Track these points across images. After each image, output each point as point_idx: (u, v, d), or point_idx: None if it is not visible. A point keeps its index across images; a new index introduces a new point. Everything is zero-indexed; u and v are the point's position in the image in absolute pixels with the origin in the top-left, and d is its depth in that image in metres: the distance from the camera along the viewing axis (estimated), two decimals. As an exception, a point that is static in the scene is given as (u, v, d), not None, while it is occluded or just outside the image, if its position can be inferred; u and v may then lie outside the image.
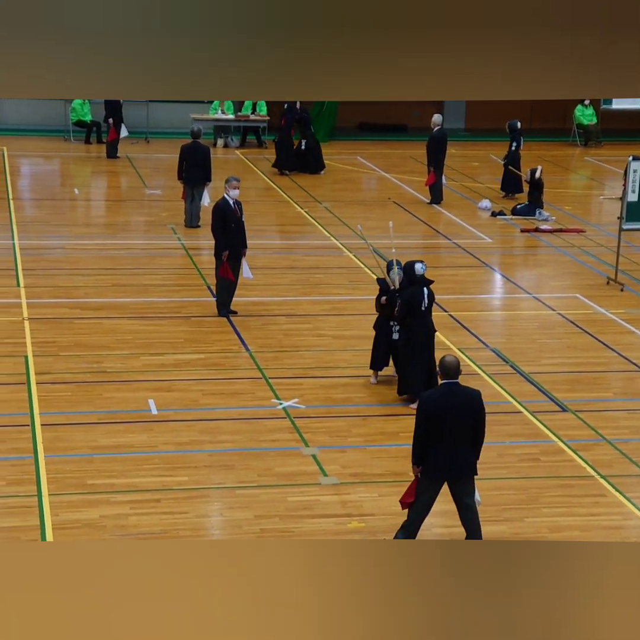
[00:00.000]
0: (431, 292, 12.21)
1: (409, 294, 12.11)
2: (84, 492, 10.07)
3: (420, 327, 12.11)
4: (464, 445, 9.05)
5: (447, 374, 9.15)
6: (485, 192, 22.88)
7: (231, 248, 14.63)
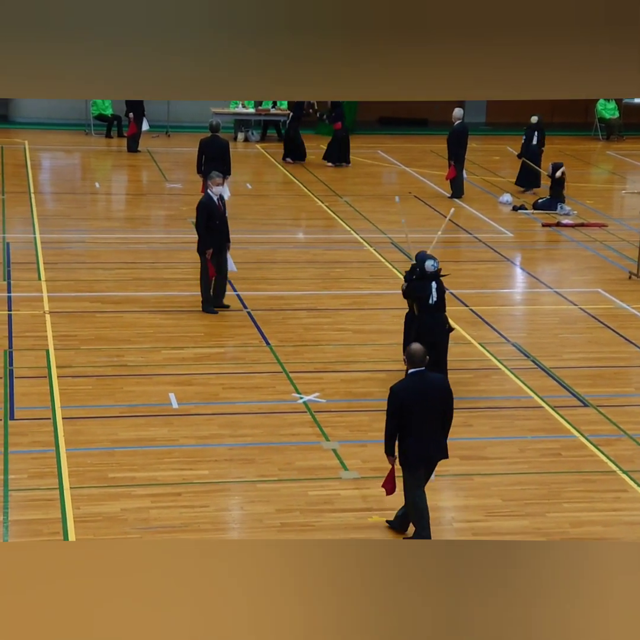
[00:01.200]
0: (440, 287, 12.09)
1: (416, 287, 12.11)
2: (105, 485, 10.09)
3: (428, 322, 11.97)
4: (437, 431, 9.26)
5: (413, 362, 9.29)
6: (506, 186, 22.79)
7: (215, 245, 14.57)
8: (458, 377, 12.91)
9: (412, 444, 9.16)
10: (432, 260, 12.21)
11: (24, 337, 13.39)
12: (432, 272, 12.09)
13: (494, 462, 10.84)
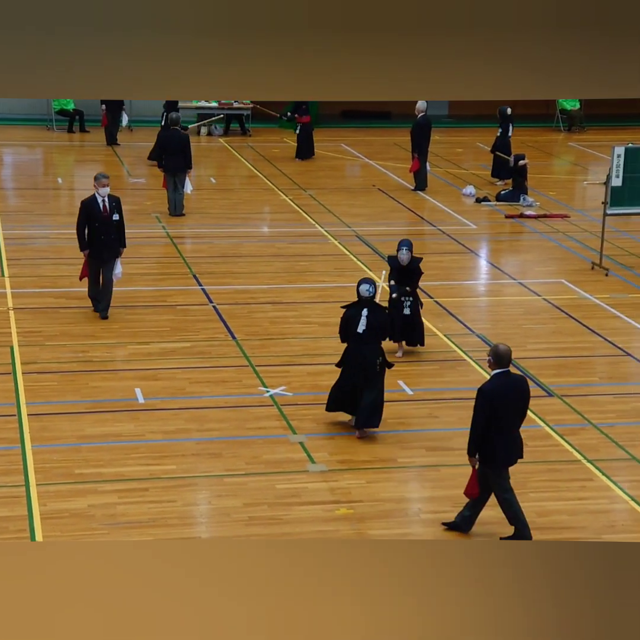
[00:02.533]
0: (376, 317, 11.08)
1: (348, 314, 11.20)
2: (71, 481, 10.06)
3: (351, 352, 11.08)
4: (518, 430, 9.34)
5: (500, 362, 9.30)
6: (470, 178, 22.89)
7: (94, 247, 13.99)
8: (424, 368, 12.98)
9: (501, 444, 9.19)
10: (367, 284, 11.20)
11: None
12: (366, 297, 11.13)
13: (460, 453, 10.86)
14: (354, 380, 11.04)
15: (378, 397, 11.07)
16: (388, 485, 10.26)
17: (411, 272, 13.32)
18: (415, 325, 13.26)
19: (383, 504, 9.91)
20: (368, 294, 11.17)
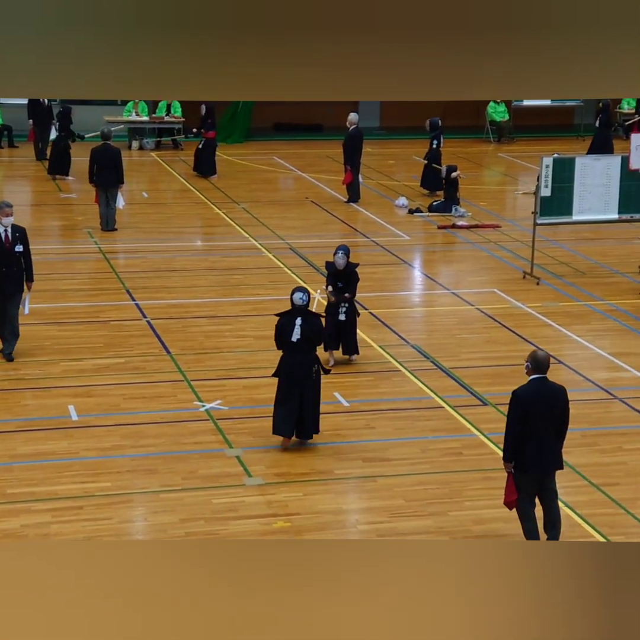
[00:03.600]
0: (310, 325, 11.09)
1: (281, 322, 11.23)
2: (3, 501, 9.90)
3: (287, 361, 11.09)
4: (553, 439, 9.22)
5: (539, 368, 9.22)
6: (402, 189, 23.04)
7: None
8: (359, 379, 13.01)
9: (529, 451, 9.08)
10: (301, 292, 11.26)
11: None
12: (299, 306, 11.16)
13: (397, 463, 10.94)
14: (291, 389, 11.03)
15: (316, 408, 11.11)
16: (325, 497, 10.26)
17: (348, 277, 13.37)
18: (349, 333, 13.28)
19: (321, 516, 9.91)
20: (301, 302, 11.20)
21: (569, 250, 18.98)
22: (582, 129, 29.71)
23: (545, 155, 17.65)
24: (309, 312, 11.34)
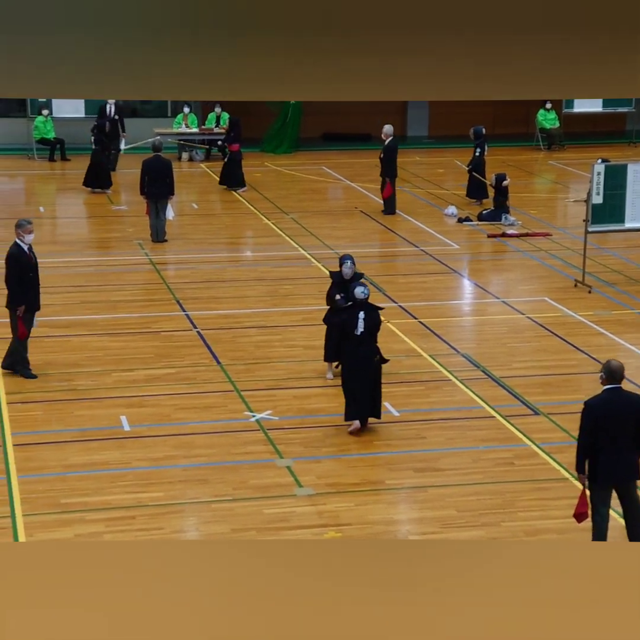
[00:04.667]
0: (371, 318, 11.63)
1: (343, 317, 11.79)
2: (57, 511, 9.99)
3: (352, 353, 11.63)
4: (629, 450, 9.09)
5: (613, 378, 9.13)
6: (451, 198, 22.96)
7: (28, 301, 12.93)
8: (409, 389, 12.97)
9: (603, 462, 8.97)
10: (362, 287, 11.81)
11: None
12: (362, 299, 11.67)
13: (448, 473, 10.89)
14: (356, 380, 11.50)
15: (377, 391, 11.62)
16: (376, 508, 10.24)
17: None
18: None
19: (372, 527, 9.88)
20: (363, 295, 11.74)
21: (621, 258, 18.80)
22: (634, 136, 29.44)
23: (596, 163, 17.51)
24: (371, 305, 11.81)
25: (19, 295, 12.89)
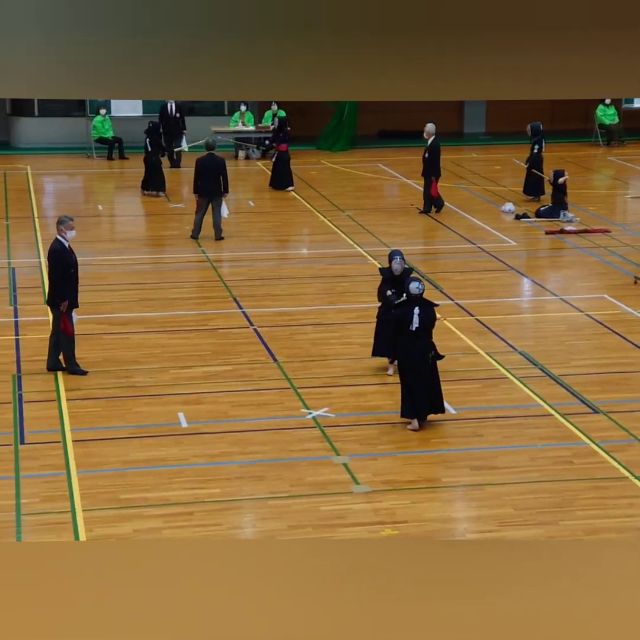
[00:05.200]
0: (426, 314, 11.69)
1: (399, 313, 11.89)
2: (117, 506, 10.09)
3: (408, 349, 11.66)
4: None
5: None
6: (509, 195, 22.81)
7: (72, 296, 13.08)
8: (466, 387, 12.90)
9: None
10: (417, 282, 11.87)
11: (32, 362, 13.41)
12: (417, 295, 11.72)
13: (505, 472, 10.83)
14: (413, 375, 11.55)
15: (436, 386, 11.63)
16: (433, 505, 10.21)
17: (403, 283, 13.15)
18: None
19: (429, 524, 9.86)
20: (418, 291, 11.77)
21: (682, 254, 18.55)
22: (694, 130, 29.03)
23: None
24: (426, 301, 11.83)
25: (62, 291, 13.04)
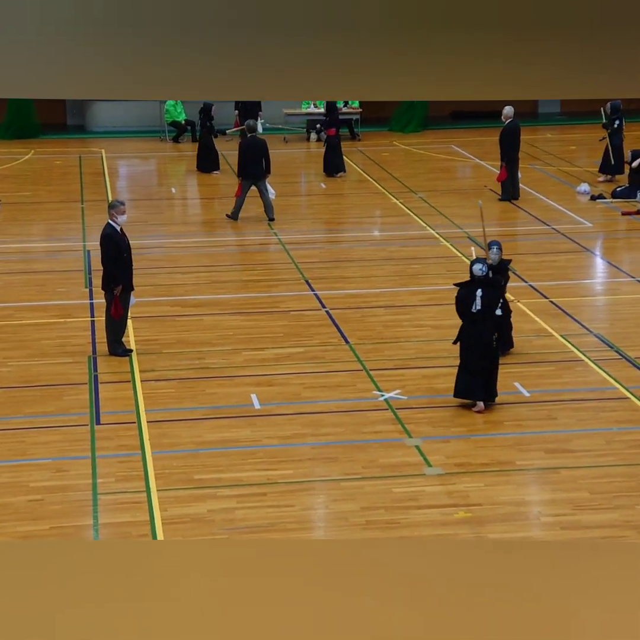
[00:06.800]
0: (490, 297, 11.58)
1: (462, 293, 11.69)
2: (191, 487, 10.18)
3: (468, 331, 11.56)
4: None
5: None
6: (584, 175, 22.49)
7: (125, 280, 13.14)
8: (541, 369, 12.77)
9: None
10: (480, 264, 11.69)
11: (106, 343, 13.55)
12: (480, 277, 11.57)
13: (580, 455, 10.71)
14: (472, 358, 11.45)
15: (494, 372, 11.51)
16: (507, 488, 10.13)
17: (500, 274, 12.88)
18: (506, 327, 12.84)
19: (502, 507, 9.79)
20: (481, 272, 11.60)
21: None
22: None
23: None
24: (489, 283, 11.63)
25: (116, 275, 13.09)
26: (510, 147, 20.75)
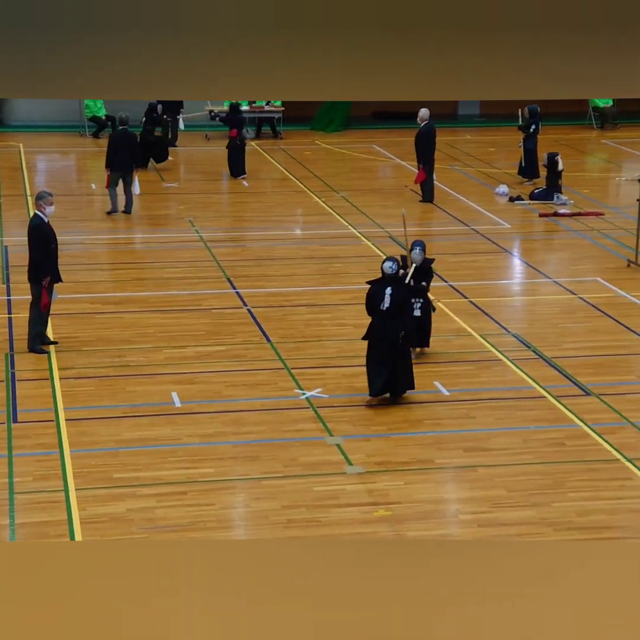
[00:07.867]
0: (398, 295, 11.72)
1: (372, 290, 11.83)
2: (110, 485, 10.10)
3: (376, 327, 11.76)
4: None
5: None
6: (503, 177, 22.80)
7: (52, 271, 13.08)
8: (459, 369, 12.93)
9: None
10: (390, 262, 11.91)
11: (24, 340, 13.37)
12: (389, 275, 11.77)
13: (498, 453, 10.87)
14: (379, 355, 11.63)
15: (407, 364, 11.71)
16: (426, 487, 10.24)
17: (423, 273, 13.08)
18: (424, 327, 13.02)
19: (421, 505, 9.89)
20: (391, 271, 11.81)
21: (675, 238, 18.55)
22: (689, 114, 29.01)
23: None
24: (398, 282, 11.84)
25: (44, 266, 13.00)
26: (427, 149, 20.89)
